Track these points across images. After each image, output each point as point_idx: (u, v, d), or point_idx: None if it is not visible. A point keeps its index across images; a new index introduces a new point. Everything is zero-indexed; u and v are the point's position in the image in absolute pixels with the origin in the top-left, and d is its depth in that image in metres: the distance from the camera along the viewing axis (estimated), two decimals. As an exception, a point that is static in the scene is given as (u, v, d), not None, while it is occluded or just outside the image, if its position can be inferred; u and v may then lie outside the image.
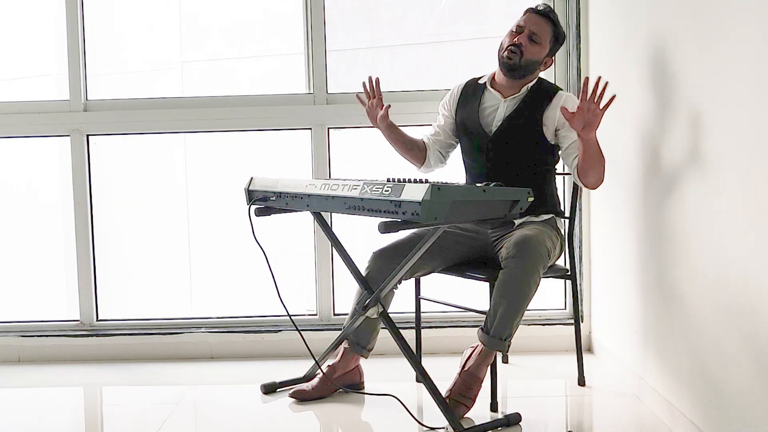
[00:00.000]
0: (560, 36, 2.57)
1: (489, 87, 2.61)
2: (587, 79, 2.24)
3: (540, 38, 2.52)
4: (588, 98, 2.22)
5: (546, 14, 2.55)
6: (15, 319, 3.25)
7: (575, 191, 2.69)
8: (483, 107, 2.60)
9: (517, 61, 2.51)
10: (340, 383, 2.58)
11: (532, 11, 2.57)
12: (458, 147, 2.74)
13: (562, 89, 2.60)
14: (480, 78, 2.66)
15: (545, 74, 3.10)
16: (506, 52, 2.52)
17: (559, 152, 2.56)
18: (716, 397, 1.97)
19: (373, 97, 2.64)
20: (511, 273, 2.30)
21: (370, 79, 2.64)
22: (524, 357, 3.01)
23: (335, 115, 3.12)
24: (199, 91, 3.82)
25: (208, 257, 5.23)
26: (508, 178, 2.38)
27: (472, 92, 2.66)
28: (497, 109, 2.58)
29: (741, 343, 1.83)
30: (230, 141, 4.43)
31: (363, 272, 2.51)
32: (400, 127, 2.70)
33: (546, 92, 2.55)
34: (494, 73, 2.62)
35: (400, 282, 2.48)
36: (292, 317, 2.53)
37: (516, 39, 2.52)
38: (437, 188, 1.89)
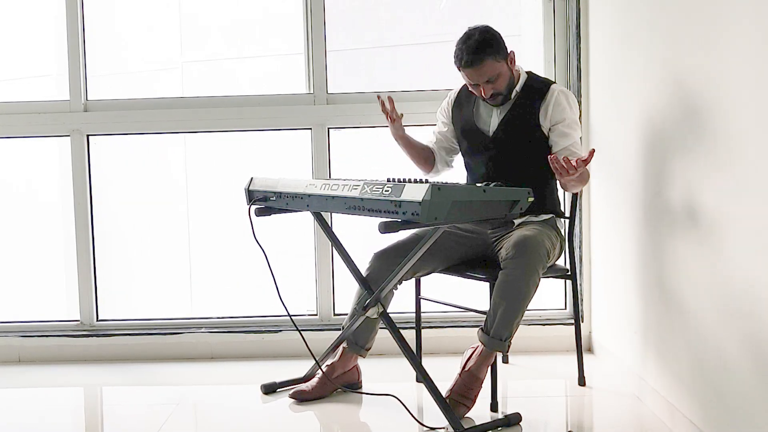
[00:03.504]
0: (497, 43, 2.45)
1: None
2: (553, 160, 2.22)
3: (494, 74, 2.46)
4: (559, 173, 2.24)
5: (475, 60, 2.41)
6: (15, 319, 3.25)
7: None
8: (478, 111, 2.62)
9: (502, 96, 2.51)
10: (339, 383, 2.58)
11: (462, 66, 2.44)
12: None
13: (554, 83, 2.59)
14: None
15: (542, 72, 3.12)
16: (490, 100, 2.52)
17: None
18: (716, 397, 1.97)
19: (388, 115, 2.61)
20: (510, 273, 2.31)
21: (383, 103, 2.60)
22: (524, 357, 3.00)
23: (335, 115, 3.12)
24: (199, 91, 3.83)
25: (208, 257, 5.23)
26: (509, 178, 2.37)
27: (465, 97, 2.67)
28: (491, 112, 2.59)
29: (741, 343, 1.83)
30: (230, 141, 4.44)
31: (363, 273, 2.51)
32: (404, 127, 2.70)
33: (539, 88, 2.55)
34: None
35: (400, 282, 2.48)
36: (293, 317, 2.53)
37: (483, 93, 2.48)
38: (437, 188, 1.89)
